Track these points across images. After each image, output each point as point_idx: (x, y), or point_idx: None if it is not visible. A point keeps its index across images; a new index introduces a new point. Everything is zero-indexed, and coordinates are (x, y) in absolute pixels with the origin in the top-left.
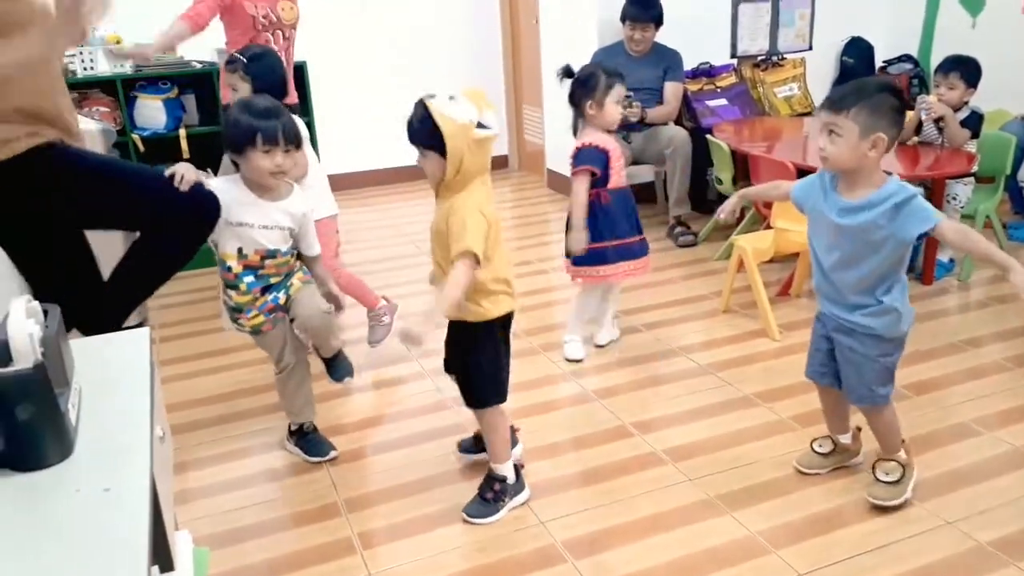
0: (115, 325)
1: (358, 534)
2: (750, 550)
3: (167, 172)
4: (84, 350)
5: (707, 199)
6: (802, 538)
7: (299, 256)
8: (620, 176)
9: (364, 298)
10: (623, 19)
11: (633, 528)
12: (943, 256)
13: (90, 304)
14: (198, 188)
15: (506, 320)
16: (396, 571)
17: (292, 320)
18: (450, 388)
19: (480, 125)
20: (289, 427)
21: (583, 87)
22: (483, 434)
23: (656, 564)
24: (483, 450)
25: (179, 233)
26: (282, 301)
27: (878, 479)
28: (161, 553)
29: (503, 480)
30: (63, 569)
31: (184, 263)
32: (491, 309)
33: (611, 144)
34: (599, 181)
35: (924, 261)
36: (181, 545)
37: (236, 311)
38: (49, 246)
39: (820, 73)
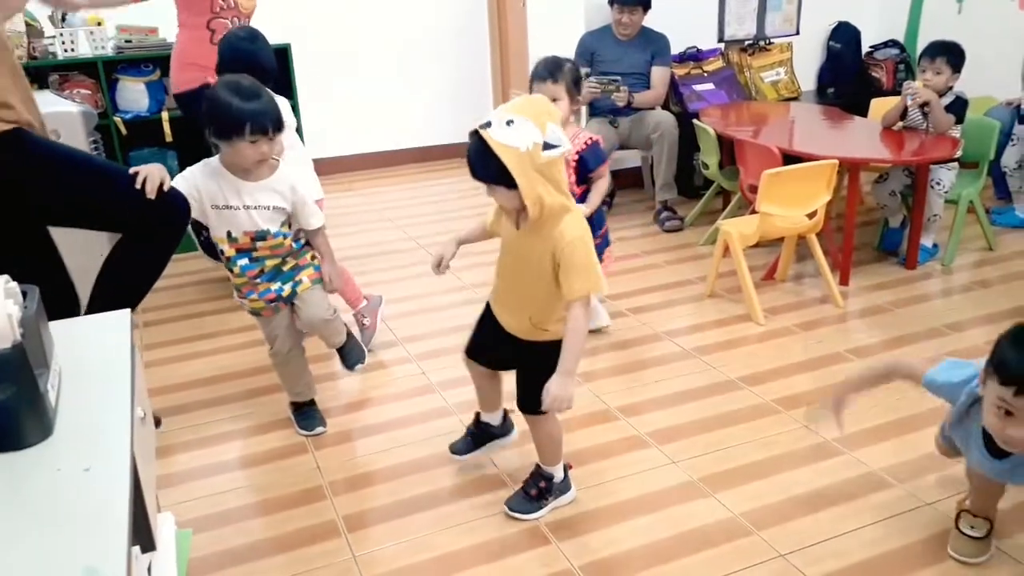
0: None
1: (343, 517)
2: (732, 531)
3: (132, 171)
4: (65, 332)
5: (694, 184)
6: (785, 519)
7: (304, 241)
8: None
9: (347, 295)
10: (611, 2)
11: (617, 510)
12: (927, 241)
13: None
14: (165, 192)
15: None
16: (381, 553)
17: (297, 314)
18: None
19: (547, 146)
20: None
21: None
22: (535, 437)
23: (639, 545)
24: (476, 447)
25: (148, 238)
26: (285, 294)
27: (962, 532)
28: (142, 533)
29: (550, 479)
30: (44, 548)
31: (162, 266)
32: (558, 332)
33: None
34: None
35: (908, 245)
36: (164, 527)
37: (237, 291)
38: (8, 244)
39: (807, 58)
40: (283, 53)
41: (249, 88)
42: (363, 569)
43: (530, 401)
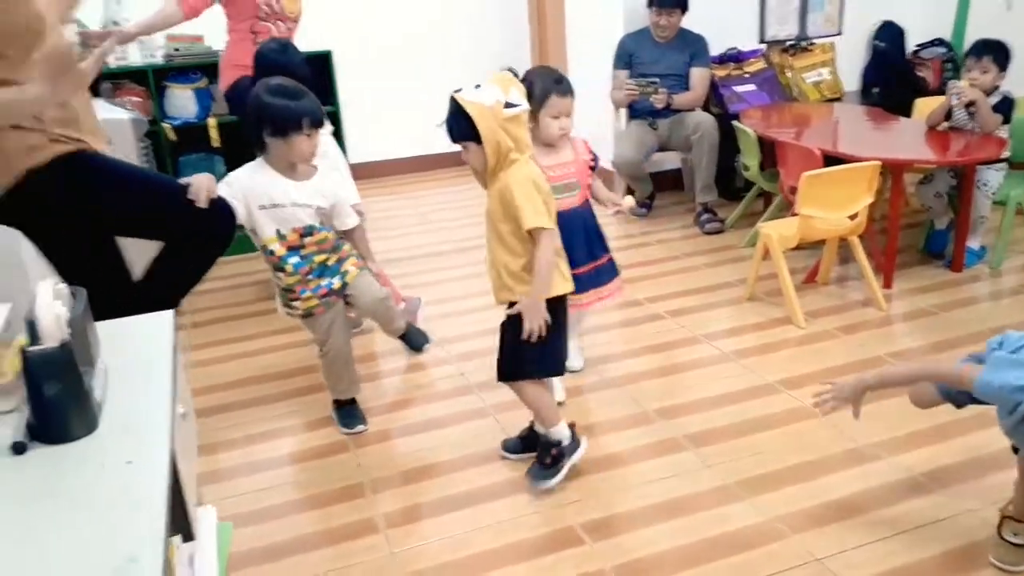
0: None
1: (382, 514)
2: (767, 535)
3: (183, 181)
4: (111, 332)
5: (735, 186)
6: (821, 524)
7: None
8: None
9: None
10: (649, 4)
11: (651, 512)
12: (973, 243)
13: (120, 307)
14: (215, 201)
15: (555, 302)
16: (418, 550)
17: (349, 304)
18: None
19: (508, 104)
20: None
21: None
22: (526, 405)
23: (672, 547)
24: (524, 451)
25: (197, 244)
26: (336, 286)
27: (1004, 539)
28: (183, 523)
29: (558, 443)
30: (86, 536)
31: (206, 270)
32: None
33: (545, 162)
34: None
35: (954, 248)
36: (205, 519)
37: (288, 292)
38: (77, 249)
39: (851, 58)
40: (324, 59)
41: (295, 88)
42: (400, 565)
43: (502, 367)
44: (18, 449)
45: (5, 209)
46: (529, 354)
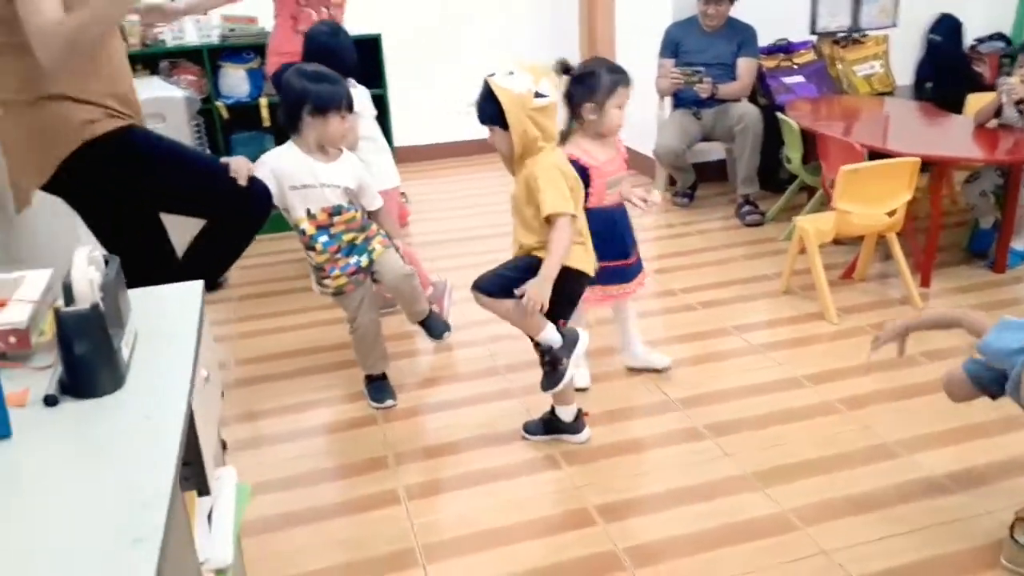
0: None
1: (404, 486)
2: (779, 526)
3: (222, 161)
4: (143, 299)
5: (779, 178)
6: (834, 517)
7: (368, 215)
8: (603, 195)
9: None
10: None
11: (666, 498)
12: (1018, 244)
13: (162, 278)
14: (253, 181)
15: (574, 279)
16: (436, 521)
17: (376, 282)
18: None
19: (538, 95)
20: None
21: (582, 86)
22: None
23: (683, 533)
24: (546, 433)
25: (237, 220)
26: (364, 264)
27: (1016, 541)
28: (200, 479)
29: (549, 348)
30: (106, 481)
31: (244, 246)
32: (569, 259)
33: (600, 157)
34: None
35: (997, 248)
36: (226, 479)
37: (319, 270)
38: (123, 223)
39: (905, 51)
40: (374, 43)
41: (328, 73)
42: (419, 536)
43: (484, 283)
44: (49, 401)
45: (58, 180)
46: (512, 292)
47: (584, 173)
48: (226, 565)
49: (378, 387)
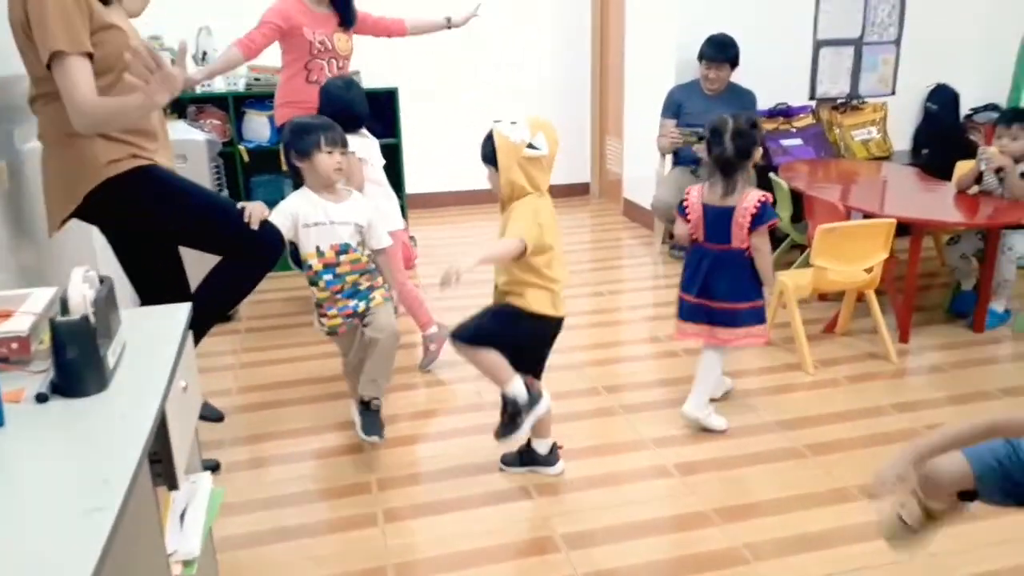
0: (199, 333)
1: (383, 510)
2: (731, 559)
3: (239, 206)
4: (135, 317)
5: (775, 235)
6: (787, 554)
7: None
8: (696, 230)
9: (418, 316)
10: (700, 58)
11: (629, 529)
12: (997, 306)
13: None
14: (265, 224)
15: (536, 334)
16: (409, 543)
17: (366, 326)
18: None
19: (531, 146)
20: (360, 398)
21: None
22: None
23: (641, 562)
24: (525, 464)
25: (246, 261)
26: (360, 310)
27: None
28: (169, 477)
29: (513, 400)
30: (80, 464)
31: (252, 286)
32: (531, 302)
33: (692, 195)
34: None
35: (976, 308)
36: (202, 484)
37: (319, 307)
38: (141, 252)
39: (902, 118)
40: (390, 96)
41: (314, 119)
42: (392, 555)
43: (462, 332)
44: (41, 399)
45: (85, 210)
46: (489, 338)
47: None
48: (193, 557)
49: (368, 419)
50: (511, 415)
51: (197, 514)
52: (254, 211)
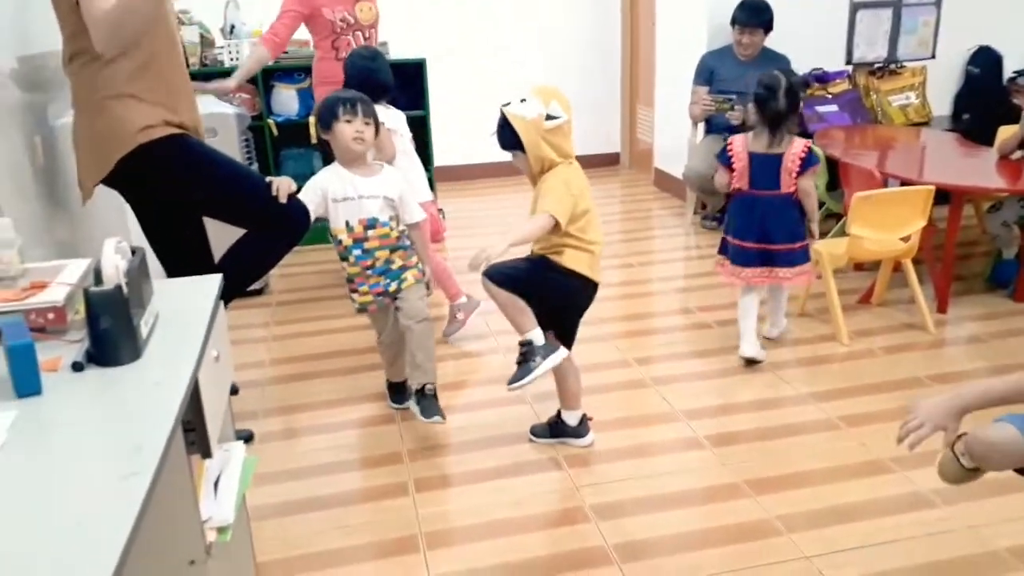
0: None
1: (414, 480)
2: (764, 531)
3: (268, 180)
4: (167, 288)
5: None
6: (819, 526)
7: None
8: (741, 178)
9: (447, 287)
10: (732, 23)
11: (660, 500)
12: None
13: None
14: (293, 200)
15: (569, 291)
16: (439, 512)
17: (398, 309)
18: None
19: (550, 116)
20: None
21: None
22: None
23: (671, 533)
24: (555, 436)
25: (272, 235)
26: (391, 289)
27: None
28: (203, 444)
29: (528, 343)
30: (115, 431)
31: (276, 261)
32: (568, 260)
33: (735, 146)
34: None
35: (1017, 277)
36: (235, 451)
37: (350, 282)
38: (167, 222)
39: (942, 82)
40: (418, 67)
41: (344, 92)
42: (423, 525)
43: (492, 272)
44: (76, 368)
45: (115, 177)
46: (520, 283)
47: (728, 157)
48: (227, 524)
49: (398, 390)
50: (525, 356)
51: (230, 482)
52: (281, 185)
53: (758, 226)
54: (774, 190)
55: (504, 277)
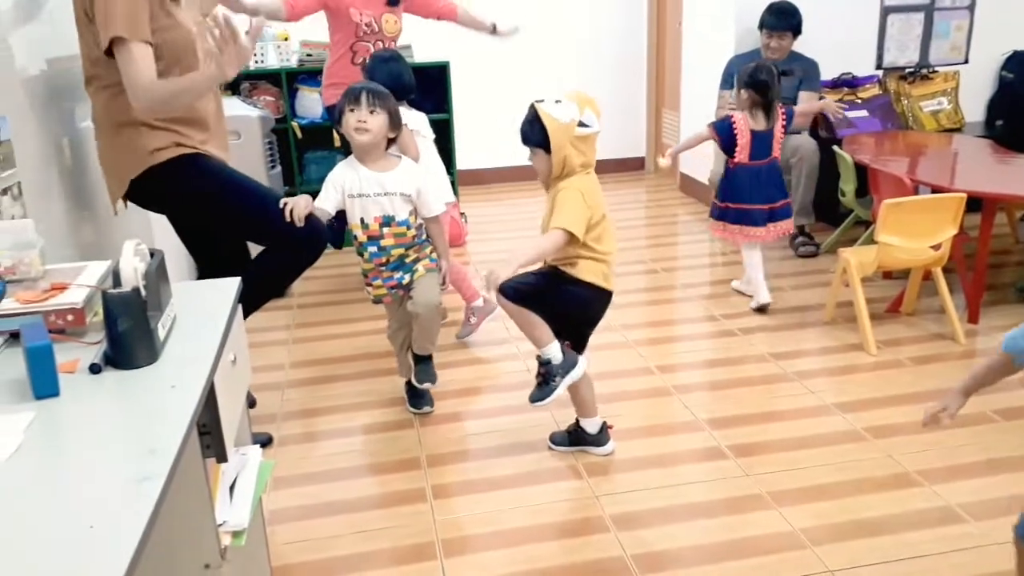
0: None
1: (432, 486)
2: (787, 544)
3: (282, 203)
4: (186, 291)
5: (837, 211)
6: (843, 539)
7: (425, 237)
8: (743, 152)
9: (463, 290)
10: (760, 27)
11: (681, 511)
12: None
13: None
14: (310, 220)
15: (583, 301)
16: (457, 519)
17: (410, 298)
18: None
19: (582, 124)
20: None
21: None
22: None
23: (692, 544)
24: (574, 444)
25: (290, 254)
26: (405, 282)
27: None
28: (218, 448)
29: (548, 362)
30: (129, 433)
31: (295, 278)
32: (582, 271)
33: (739, 125)
34: (729, 152)
35: None
36: (251, 455)
37: (364, 276)
38: (199, 237)
39: (975, 88)
40: (442, 70)
41: (362, 82)
42: (440, 532)
43: (508, 290)
44: (94, 370)
45: (133, 194)
46: (535, 297)
47: (731, 130)
48: (242, 528)
49: (417, 394)
50: (544, 377)
51: (246, 486)
52: (297, 207)
53: (764, 190)
54: (767, 159)
55: (518, 293)
